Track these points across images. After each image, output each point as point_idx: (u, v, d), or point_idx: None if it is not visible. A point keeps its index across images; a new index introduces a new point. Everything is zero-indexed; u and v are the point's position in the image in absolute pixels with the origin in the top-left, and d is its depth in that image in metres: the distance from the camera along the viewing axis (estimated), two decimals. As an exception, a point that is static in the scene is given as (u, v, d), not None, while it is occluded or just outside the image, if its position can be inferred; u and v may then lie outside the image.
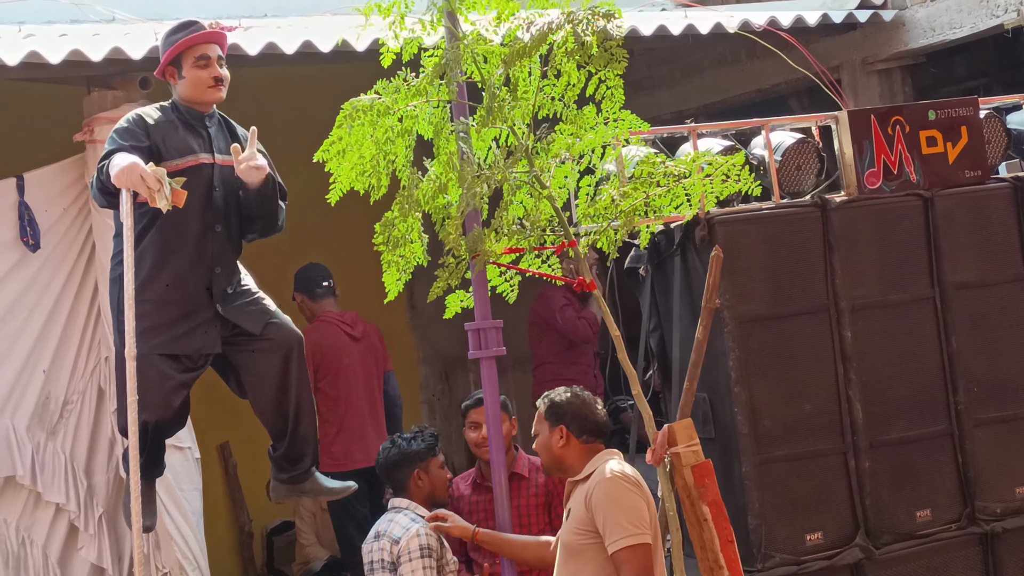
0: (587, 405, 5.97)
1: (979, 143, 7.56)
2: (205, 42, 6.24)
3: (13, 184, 7.94)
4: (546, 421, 5.96)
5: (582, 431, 5.88)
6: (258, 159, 6.17)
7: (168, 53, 6.24)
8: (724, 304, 6.80)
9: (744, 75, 10.78)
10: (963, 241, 7.43)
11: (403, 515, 6.87)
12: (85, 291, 8.12)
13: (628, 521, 5.53)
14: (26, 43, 7.59)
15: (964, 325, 7.39)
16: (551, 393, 6.06)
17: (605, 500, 5.58)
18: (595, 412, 5.97)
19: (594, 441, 5.91)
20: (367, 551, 6.82)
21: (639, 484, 5.65)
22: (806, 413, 7.05)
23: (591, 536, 5.63)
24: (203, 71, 6.23)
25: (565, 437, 5.87)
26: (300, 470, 6.63)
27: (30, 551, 7.91)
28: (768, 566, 6.83)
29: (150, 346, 6.04)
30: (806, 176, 7.26)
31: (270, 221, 6.40)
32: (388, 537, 6.76)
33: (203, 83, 6.23)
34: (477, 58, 5.86)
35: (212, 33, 6.26)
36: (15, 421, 7.85)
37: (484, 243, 5.95)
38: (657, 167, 6.07)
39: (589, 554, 5.65)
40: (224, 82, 6.28)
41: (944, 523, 7.29)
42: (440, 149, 6.01)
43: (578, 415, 5.91)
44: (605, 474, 5.66)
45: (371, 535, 6.88)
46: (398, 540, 6.69)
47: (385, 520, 6.90)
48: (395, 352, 11.73)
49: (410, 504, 6.93)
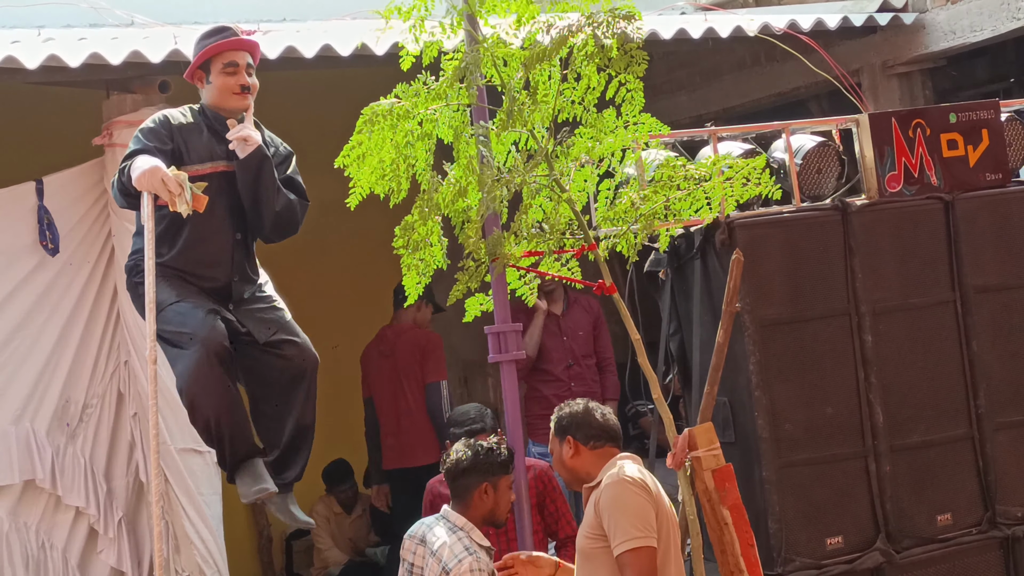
0: (588, 412, 5.89)
1: (1000, 146, 7.54)
2: (235, 49, 6.21)
3: (32, 188, 7.95)
4: (556, 438, 5.94)
5: (588, 438, 5.81)
6: (247, 131, 6.11)
7: (198, 57, 6.22)
8: (744, 308, 6.77)
9: (764, 79, 10.76)
10: (984, 244, 7.41)
11: (457, 538, 6.25)
12: (104, 295, 8.14)
13: (631, 524, 5.51)
14: (46, 47, 7.61)
15: (985, 329, 7.37)
16: (556, 410, 6.05)
17: (610, 503, 5.56)
18: (596, 417, 5.89)
19: (603, 445, 5.82)
20: (410, 549, 6.39)
21: (645, 487, 5.62)
22: (827, 417, 7.03)
23: (601, 540, 5.60)
24: (231, 78, 6.20)
25: (573, 447, 5.82)
26: (283, 480, 6.50)
27: (50, 555, 7.92)
28: (789, 570, 6.81)
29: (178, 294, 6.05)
30: (826, 179, 7.25)
31: (269, 210, 6.21)
32: (435, 556, 6.22)
33: (229, 90, 6.21)
34: (497, 61, 5.85)
35: (243, 41, 6.24)
36: (35, 425, 7.88)
37: (504, 246, 5.94)
38: (677, 170, 6.06)
39: (601, 558, 5.62)
40: (252, 90, 6.24)
41: (965, 527, 7.27)
42: (460, 153, 6.00)
43: (581, 423, 5.86)
44: (612, 477, 5.65)
45: (417, 535, 6.39)
46: (448, 571, 6.13)
47: (434, 533, 6.33)
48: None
49: (466, 524, 6.30)
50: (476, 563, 6.12)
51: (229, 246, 6.22)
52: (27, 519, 7.90)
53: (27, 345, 7.91)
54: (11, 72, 7.45)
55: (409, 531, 6.46)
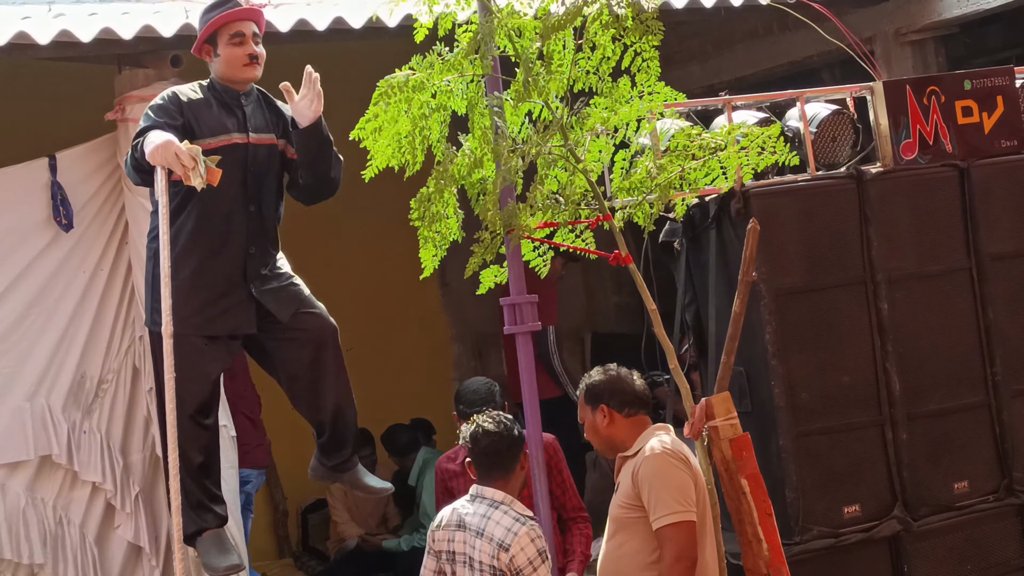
0: (622, 379, 5.91)
1: (1015, 113, 7.52)
2: (240, 19, 6.19)
3: (45, 164, 7.94)
4: (587, 406, 5.91)
5: (623, 405, 5.82)
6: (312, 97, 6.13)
7: (204, 31, 6.21)
8: (760, 277, 6.76)
9: (776, 47, 10.71)
10: (1000, 212, 7.39)
11: (503, 512, 5.94)
12: (118, 270, 8.13)
13: (673, 498, 5.51)
14: (56, 22, 7.59)
15: (1001, 296, 7.36)
16: (585, 378, 6.02)
17: (651, 476, 5.56)
18: (631, 384, 5.91)
19: (637, 413, 5.84)
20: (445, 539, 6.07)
21: (687, 460, 5.63)
22: (843, 386, 7.02)
23: (637, 510, 5.61)
24: (238, 48, 6.19)
25: (608, 415, 5.82)
26: (340, 459, 6.61)
27: (67, 530, 7.94)
28: (806, 539, 6.81)
29: (184, 326, 6.01)
30: (841, 148, 7.23)
31: (322, 173, 6.28)
32: (484, 537, 5.90)
33: (238, 61, 6.20)
34: (511, 32, 5.83)
35: (247, 10, 6.23)
36: (51, 401, 7.88)
37: (519, 218, 5.93)
38: (692, 139, 6.05)
39: (635, 528, 5.64)
40: (260, 60, 6.24)
41: (982, 494, 7.27)
42: (474, 124, 5.99)
43: (615, 390, 5.87)
44: (654, 449, 5.64)
45: (451, 522, 6.07)
46: (507, 547, 5.83)
47: (474, 515, 5.99)
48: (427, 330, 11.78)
49: (506, 498, 5.99)
50: (532, 531, 5.88)
51: (244, 219, 6.21)
52: (44, 495, 7.92)
53: (42, 321, 7.91)
54: (23, 48, 7.43)
55: (436, 522, 6.15)
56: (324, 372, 6.39)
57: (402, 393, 11.19)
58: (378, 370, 10.83)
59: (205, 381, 6.26)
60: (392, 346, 11.48)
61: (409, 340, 11.68)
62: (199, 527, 6.31)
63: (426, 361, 11.86)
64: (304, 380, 6.42)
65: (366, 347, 10.13)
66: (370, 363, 10.12)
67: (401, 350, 11.57)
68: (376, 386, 10.07)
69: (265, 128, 6.25)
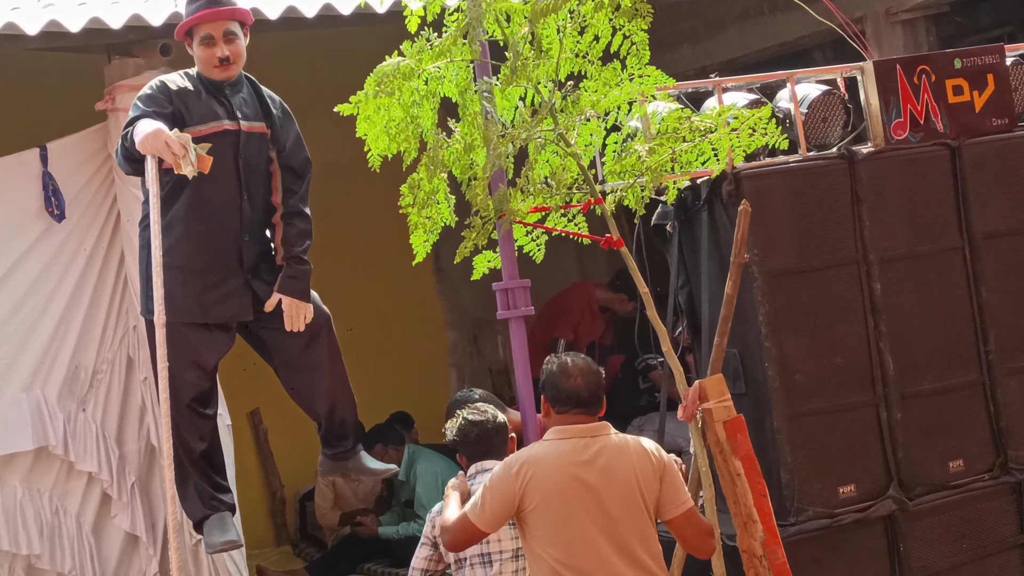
0: (559, 375, 5.48)
1: (1006, 91, 7.50)
2: (211, 20, 6.14)
3: (36, 155, 7.95)
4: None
5: (555, 401, 5.48)
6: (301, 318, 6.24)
7: (178, 28, 6.22)
8: (753, 259, 6.75)
9: (767, 29, 10.71)
10: (991, 190, 7.37)
11: None
12: (112, 260, 8.14)
13: (478, 498, 5.42)
14: (45, 12, 7.59)
15: (994, 275, 7.34)
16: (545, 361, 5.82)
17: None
18: (565, 381, 5.45)
19: (568, 411, 5.44)
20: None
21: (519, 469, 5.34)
22: (837, 366, 7.01)
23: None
24: (207, 50, 6.17)
25: (544, 408, 5.55)
26: (343, 448, 6.63)
27: (64, 520, 7.95)
28: (801, 520, 6.80)
29: (181, 314, 6.01)
30: (832, 128, 7.21)
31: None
32: None
33: (208, 63, 6.17)
34: (500, 17, 5.82)
35: (216, 12, 6.14)
36: (46, 392, 7.89)
37: (510, 202, 5.92)
38: (683, 122, 6.04)
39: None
40: (233, 58, 6.17)
41: (977, 473, 7.26)
42: (465, 110, 5.98)
43: (548, 384, 5.52)
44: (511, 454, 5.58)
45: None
46: None
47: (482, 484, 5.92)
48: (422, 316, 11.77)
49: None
50: None
51: (237, 206, 6.20)
52: (40, 486, 7.93)
53: (36, 312, 7.92)
54: (12, 39, 7.43)
55: (439, 506, 6.12)
56: (318, 361, 6.39)
57: (397, 381, 11.19)
58: (374, 357, 10.83)
59: (202, 370, 6.26)
60: (388, 334, 11.48)
61: (404, 327, 11.68)
62: (206, 515, 6.34)
63: (422, 348, 11.86)
64: (300, 370, 6.41)
65: (362, 334, 10.13)
66: (366, 350, 10.11)
67: (397, 337, 11.57)
68: (371, 373, 10.06)
69: (256, 116, 6.24)
